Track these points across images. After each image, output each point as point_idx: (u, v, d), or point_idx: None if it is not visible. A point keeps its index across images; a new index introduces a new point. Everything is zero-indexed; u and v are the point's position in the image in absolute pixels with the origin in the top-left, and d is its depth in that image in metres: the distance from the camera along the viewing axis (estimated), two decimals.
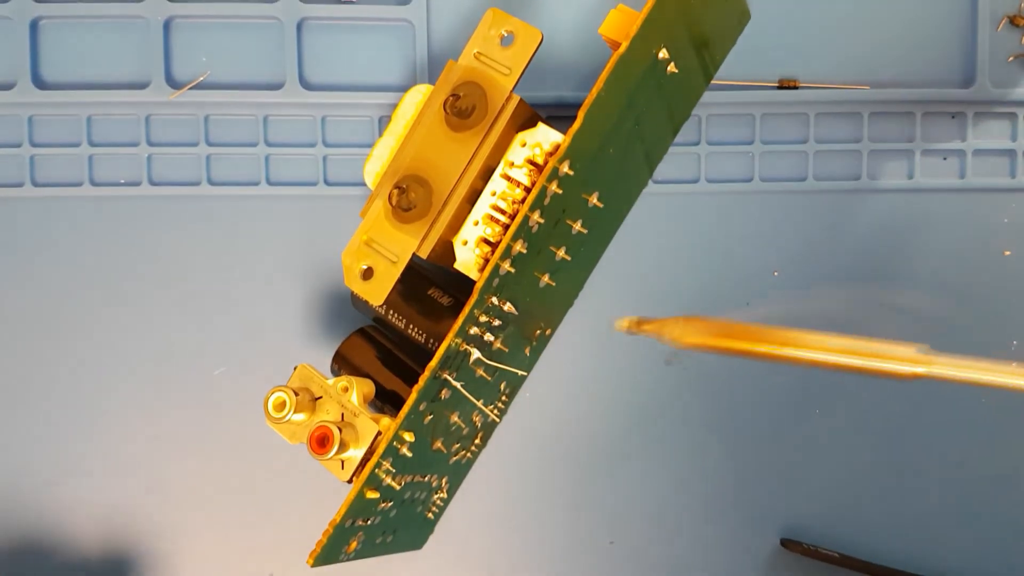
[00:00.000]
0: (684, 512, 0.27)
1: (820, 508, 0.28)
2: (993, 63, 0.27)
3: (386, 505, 0.22)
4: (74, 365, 0.27)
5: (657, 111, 0.23)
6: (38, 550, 0.27)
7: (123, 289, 0.27)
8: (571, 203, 0.22)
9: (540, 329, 0.25)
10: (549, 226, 0.21)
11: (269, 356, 0.27)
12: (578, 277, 0.26)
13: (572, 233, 0.22)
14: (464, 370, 0.22)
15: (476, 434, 0.25)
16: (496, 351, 0.22)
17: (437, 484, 0.24)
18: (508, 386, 0.25)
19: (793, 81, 0.27)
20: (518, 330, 0.23)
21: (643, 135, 0.24)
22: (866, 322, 0.28)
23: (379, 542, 0.23)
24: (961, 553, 0.28)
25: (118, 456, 0.27)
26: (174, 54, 0.27)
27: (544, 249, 0.22)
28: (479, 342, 0.21)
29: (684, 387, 0.27)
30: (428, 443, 0.22)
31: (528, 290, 0.22)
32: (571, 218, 0.22)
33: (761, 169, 0.28)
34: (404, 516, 0.23)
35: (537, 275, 0.22)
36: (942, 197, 0.28)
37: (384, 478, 0.20)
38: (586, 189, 0.22)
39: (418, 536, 0.26)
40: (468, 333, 0.21)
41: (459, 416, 0.23)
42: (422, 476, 0.23)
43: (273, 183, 0.27)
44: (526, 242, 0.21)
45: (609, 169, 0.23)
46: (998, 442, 0.28)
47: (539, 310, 0.24)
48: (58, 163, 0.27)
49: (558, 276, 0.23)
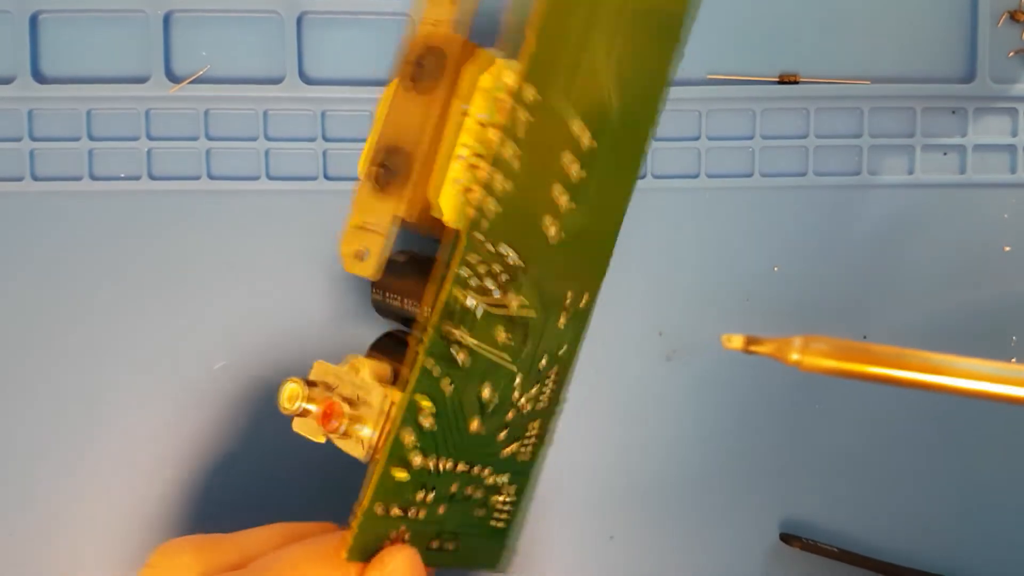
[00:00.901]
0: (683, 507, 0.27)
1: (820, 503, 0.28)
2: (993, 58, 0.27)
3: (427, 496, 0.21)
4: (73, 359, 0.27)
5: (633, 29, 0.22)
6: (38, 548, 0.27)
7: (122, 283, 0.27)
8: (551, 133, 0.21)
9: (572, 292, 0.23)
10: (535, 161, 0.21)
11: (270, 350, 0.27)
12: (601, 224, 0.23)
13: (569, 171, 0.21)
14: (479, 329, 0.21)
15: (528, 422, 0.23)
16: (515, 315, 0.21)
17: (494, 482, 0.23)
18: (551, 364, 0.23)
19: (793, 76, 0.27)
20: (538, 292, 0.22)
21: (626, 47, 0.22)
22: (865, 320, 0.28)
23: (436, 547, 0.22)
24: (961, 548, 0.28)
25: (118, 451, 0.27)
26: (174, 48, 0.27)
27: (537, 188, 0.21)
28: (484, 292, 0.21)
29: (684, 382, 0.27)
30: (460, 420, 0.21)
31: (530, 236, 0.21)
32: (557, 150, 0.21)
33: (761, 164, 0.28)
34: (462, 518, 0.22)
35: (535, 215, 0.21)
36: (942, 192, 0.28)
37: (412, 456, 0.20)
38: (568, 114, 0.21)
39: (491, 551, 0.24)
40: (469, 284, 0.20)
41: (494, 391, 0.22)
42: (467, 465, 0.22)
43: (273, 177, 0.27)
44: (508, 179, 0.20)
45: (595, 89, 0.21)
46: (998, 437, 0.28)
47: (554, 262, 0.22)
48: (58, 157, 0.27)
49: (567, 222, 0.22)
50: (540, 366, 0.23)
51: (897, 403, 0.28)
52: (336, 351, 0.27)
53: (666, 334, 0.28)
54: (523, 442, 0.23)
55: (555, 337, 0.23)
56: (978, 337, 0.28)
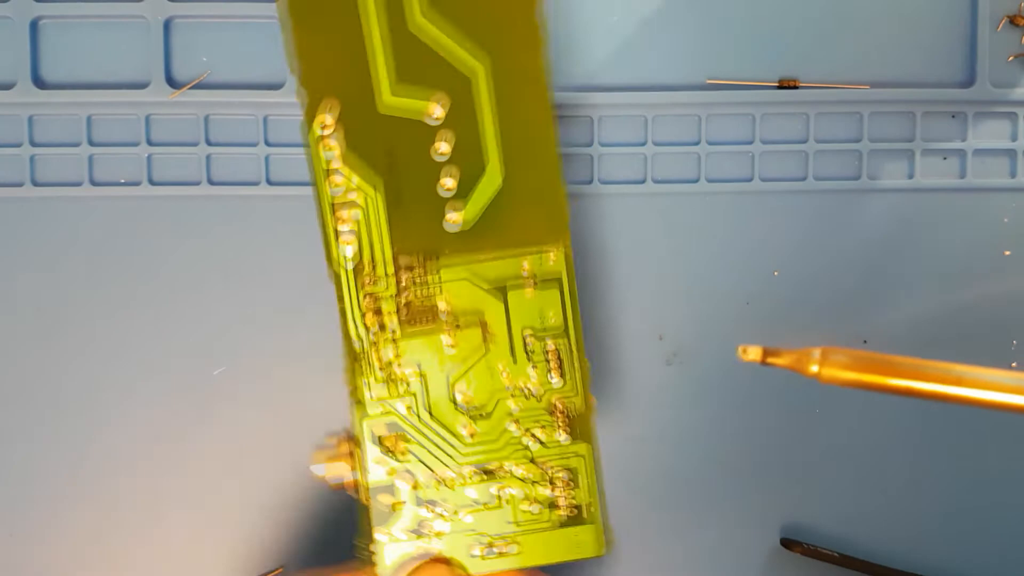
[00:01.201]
0: (683, 511, 0.27)
1: (821, 508, 0.28)
2: (993, 63, 0.27)
3: (438, 512, 0.21)
4: (72, 363, 0.27)
5: None
6: (37, 547, 0.27)
7: (122, 289, 0.27)
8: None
9: (527, 262, 0.22)
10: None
11: (269, 356, 0.27)
12: (520, 172, 0.22)
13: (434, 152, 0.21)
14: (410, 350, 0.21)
15: (547, 400, 0.22)
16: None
17: (527, 474, 0.22)
18: (542, 337, 0.22)
19: (793, 81, 0.27)
20: (472, 285, 0.22)
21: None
22: (865, 324, 0.28)
23: (482, 555, 0.21)
24: (963, 554, 0.28)
25: (117, 454, 0.27)
26: (174, 54, 0.27)
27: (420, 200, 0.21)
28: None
29: (684, 386, 0.27)
30: (442, 434, 0.21)
31: (431, 240, 0.21)
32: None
33: (761, 168, 0.28)
34: (506, 519, 0.22)
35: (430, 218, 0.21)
36: (942, 196, 0.28)
37: (400, 481, 0.21)
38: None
39: (576, 539, 0.22)
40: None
41: (472, 390, 0.22)
42: (481, 470, 0.21)
43: (273, 183, 0.27)
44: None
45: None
46: (1002, 444, 0.28)
47: (473, 246, 0.22)
48: (58, 163, 0.27)
49: (466, 210, 0.21)
50: (528, 346, 0.22)
51: (899, 409, 0.28)
52: (336, 359, 0.27)
53: (666, 338, 0.28)
54: (551, 426, 0.22)
55: (530, 309, 0.22)
56: (979, 341, 0.28)
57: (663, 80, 0.27)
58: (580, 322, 0.22)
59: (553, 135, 0.22)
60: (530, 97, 0.21)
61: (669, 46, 0.27)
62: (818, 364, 0.16)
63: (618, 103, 0.27)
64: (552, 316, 0.22)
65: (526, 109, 0.21)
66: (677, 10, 0.27)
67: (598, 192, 0.27)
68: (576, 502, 0.22)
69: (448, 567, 0.21)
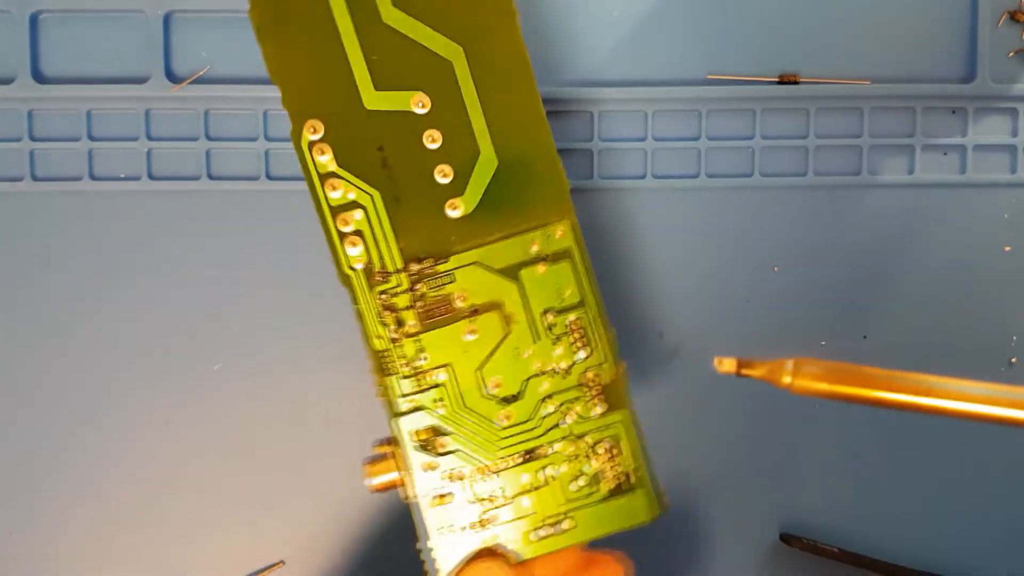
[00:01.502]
0: (683, 507, 0.27)
1: (820, 503, 0.28)
2: (993, 58, 0.27)
3: (491, 503, 0.21)
4: (73, 360, 0.27)
5: None
6: (38, 548, 0.27)
7: (122, 283, 0.27)
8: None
9: (536, 241, 0.22)
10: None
11: (269, 351, 0.27)
12: (516, 151, 0.22)
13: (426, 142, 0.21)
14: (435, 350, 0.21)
15: (579, 376, 0.22)
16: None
17: (573, 451, 0.22)
18: (563, 312, 0.22)
19: (794, 76, 0.27)
20: (481, 274, 0.22)
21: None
22: (865, 320, 0.28)
23: (546, 535, 0.22)
24: (961, 548, 0.28)
25: (117, 450, 0.27)
26: (174, 49, 0.27)
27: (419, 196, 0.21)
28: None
29: (684, 381, 0.27)
30: (480, 425, 0.21)
31: (435, 234, 0.21)
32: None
33: (761, 164, 0.28)
34: (559, 498, 0.22)
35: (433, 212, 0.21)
36: (942, 192, 0.28)
37: (448, 481, 0.21)
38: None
39: (628, 507, 0.22)
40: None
41: (500, 376, 0.22)
42: (525, 455, 0.22)
43: (273, 178, 0.27)
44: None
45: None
46: (998, 439, 0.28)
47: (478, 232, 0.22)
48: (58, 158, 0.27)
49: (466, 198, 0.22)
50: (548, 323, 0.22)
51: None
52: (334, 353, 0.27)
53: (666, 335, 0.28)
54: (584, 400, 0.22)
55: (545, 286, 0.22)
56: (978, 337, 0.28)
57: (663, 75, 0.27)
58: (598, 291, 0.22)
59: (541, 109, 0.21)
60: (512, 73, 0.21)
61: (669, 42, 0.27)
62: (791, 376, 0.17)
63: (618, 98, 0.27)
64: (568, 291, 0.22)
65: (510, 85, 0.21)
66: (677, 6, 0.27)
67: (598, 187, 0.27)
68: (622, 469, 0.22)
69: (496, 559, 0.21)
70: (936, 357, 0.28)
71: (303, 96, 0.21)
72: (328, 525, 0.27)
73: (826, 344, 0.28)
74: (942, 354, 0.28)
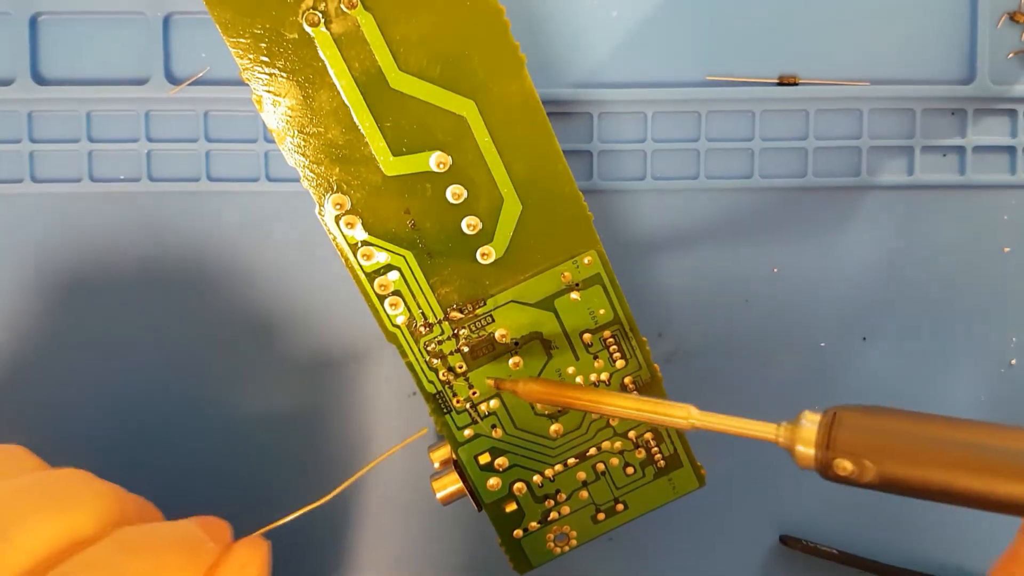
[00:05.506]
0: (683, 508, 0.27)
1: (820, 505, 0.28)
2: (993, 60, 0.27)
3: (554, 500, 0.24)
4: (71, 360, 0.27)
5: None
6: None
7: (122, 285, 0.27)
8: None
9: (567, 271, 0.23)
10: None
11: (268, 353, 0.27)
12: (536, 190, 0.22)
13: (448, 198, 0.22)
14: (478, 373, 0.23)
15: (617, 383, 0.24)
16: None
17: (619, 446, 0.24)
18: (599, 331, 0.23)
19: (793, 78, 0.27)
20: (516, 313, 0.23)
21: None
22: (864, 321, 0.28)
23: (604, 519, 0.25)
24: (962, 551, 0.28)
25: (116, 451, 0.27)
26: (173, 50, 0.27)
27: (447, 241, 0.22)
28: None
29: (684, 383, 0.27)
30: (534, 440, 0.24)
31: (470, 280, 0.22)
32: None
33: (761, 166, 0.28)
34: (613, 485, 0.25)
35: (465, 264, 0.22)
36: (942, 193, 0.28)
37: (514, 489, 0.24)
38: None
39: (673, 484, 0.25)
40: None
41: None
42: (578, 456, 0.24)
43: (273, 179, 0.27)
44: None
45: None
46: None
47: (507, 275, 0.23)
48: (57, 159, 0.27)
49: (495, 242, 0.22)
50: (585, 341, 0.23)
51: (897, 405, 0.28)
52: (337, 353, 0.27)
53: (666, 336, 0.28)
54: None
55: (579, 311, 0.23)
56: (977, 338, 0.28)
57: (663, 77, 0.27)
58: (628, 307, 0.23)
59: (557, 147, 0.22)
60: (526, 117, 0.22)
61: (669, 43, 0.27)
62: (521, 388, 0.22)
63: (618, 99, 0.27)
64: (602, 311, 0.23)
65: (525, 129, 0.22)
66: (677, 7, 0.27)
67: (598, 189, 0.27)
68: (666, 453, 0.25)
69: None
70: (935, 358, 0.28)
71: (324, 175, 0.21)
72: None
73: (825, 346, 0.28)
74: (941, 355, 0.28)
